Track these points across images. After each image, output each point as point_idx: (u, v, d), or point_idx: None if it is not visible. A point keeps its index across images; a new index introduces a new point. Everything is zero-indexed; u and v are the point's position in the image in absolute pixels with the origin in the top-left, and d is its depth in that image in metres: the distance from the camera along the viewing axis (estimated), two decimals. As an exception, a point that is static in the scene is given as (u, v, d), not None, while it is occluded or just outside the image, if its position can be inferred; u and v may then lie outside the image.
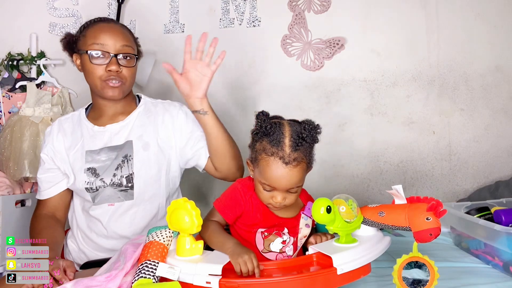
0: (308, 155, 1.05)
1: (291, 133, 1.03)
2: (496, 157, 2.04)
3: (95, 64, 1.31)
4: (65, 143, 1.41)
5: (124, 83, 1.35)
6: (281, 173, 1.01)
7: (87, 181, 1.35)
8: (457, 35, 2.06)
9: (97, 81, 1.33)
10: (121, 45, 1.33)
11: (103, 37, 1.32)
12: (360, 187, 2.06)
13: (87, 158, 1.36)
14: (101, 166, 1.35)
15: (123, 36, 1.36)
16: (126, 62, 1.34)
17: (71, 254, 1.43)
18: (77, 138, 1.40)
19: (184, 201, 0.98)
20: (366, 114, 2.07)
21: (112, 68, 1.31)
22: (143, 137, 1.38)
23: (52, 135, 1.43)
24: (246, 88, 2.08)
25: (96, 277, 0.99)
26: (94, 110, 1.45)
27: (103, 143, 1.38)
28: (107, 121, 1.41)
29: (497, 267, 1.21)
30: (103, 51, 1.31)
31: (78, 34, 1.37)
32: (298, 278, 0.89)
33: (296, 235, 1.10)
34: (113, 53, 1.32)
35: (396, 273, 0.94)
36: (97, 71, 1.32)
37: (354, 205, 0.98)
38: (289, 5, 2.08)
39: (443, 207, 0.93)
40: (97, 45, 1.31)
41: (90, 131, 1.40)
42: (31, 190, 1.94)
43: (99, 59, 1.32)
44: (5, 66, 2.01)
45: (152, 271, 0.93)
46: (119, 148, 1.36)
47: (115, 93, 1.35)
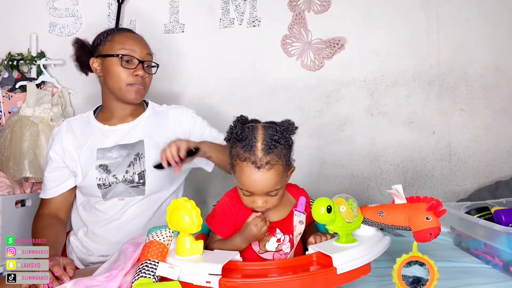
0: (283, 156, 1.04)
1: (264, 137, 1.03)
2: (496, 157, 2.04)
3: (124, 67, 1.39)
4: (74, 142, 1.45)
5: (145, 88, 1.45)
6: (255, 178, 1.01)
7: (99, 177, 1.39)
8: (457, 35, 2.06)
9: (122, 84, 1.40)
10: (146, 53, 1.43)
11: (131, 44, 1.41)
12: (360, 187, 2.06)
13: (98, 155, 1.41)
14: (112, 163, 1.40)
15: (146, 45, 1.47)
16: (149, 69, 1.45)
17: (74, 251, 1.44)
18: (86, 137, 1.45)
19: (184, 201, 0.98)
20: (366, 114, 2.07)
21: (139, 73, 1.39)
22: (154, 137, 1.44)
23: (61, 134, 1.47)
24: (246, 88, 2.08)
25: (96, 276, 0.99)
26: (104, 112, 1.50)
27: (114, 141, 1.43)
28: (117, 122, 1.47)
29: (497, 267, 1.21)
30: (132, 56, 1.39)
31: (101, 40, 1.43)
32: (298, 278, 0.89)
33: (291, 233, 1.10)
34: (140, 59, 1.41)
35: (396, 273, 0.94)
36: (124, 75, 1.39)
37: (354, 205, 0.98)
38: (289, 5, 2.08)
39: (442, 207, 0.94)
40: (126, 50, 1.39)
41: (100, 130, 1.46)
42: (31, 190, 1.94)
43: (128, 63, 1.39)
44: (5, 66, 2.01)
45: (152, 270, 0.93)
46: (131, 146, 1.42)
47: (138, 97, 1.43)
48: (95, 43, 1.46)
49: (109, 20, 2.08)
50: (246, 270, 0.96)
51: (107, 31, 1.47)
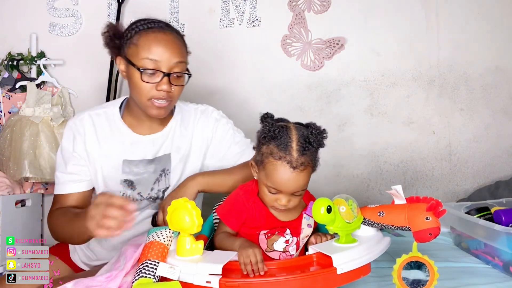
0: (314, 159, 1.06)
1: (298, 137, 1.03)
2: (496, 157, 2.04)
3: (145, 81, 1.17)
4: (98, 145, 1.28)
5: (171, 102, 1.23)
6: (288, 177, 1.01)
7: (123, 192, 1.29)
8: (457, 35, 2.06)
9: (143, 99, 1.20)
10: (175, 62, 1.18)
11: (158, 51, 1.17)
12: (360, 187, 2.06)
13: (124, 168, 1.28)
14: (138, 179, 1.29)
15: (179, 51, 1.21)
16: (178, 80, 1.21)
17: (78, 254, 1.40)
18: (113, 144, 1.28)
19: (184, 201, 0.98)
20: (366, 114, 2.07)
21: (163, 88, 1.17)
22: (181, 150, 1.33)
23: (83, 133, 1.28)
24: (246, 88, 2.08)
25: (96, 277, 0.99)
26: (130, 115, 1.30)
27: (142, 154, 1.29)
28: (146, 130, 1.30)
29: (497, 267, 1.21)
30: (155, 69, 1.16)
31: (128, 38, 1.20)
32: (298, 278, 0.89)
33: (298, 235, 1.10)
34: (166, 71, 1.17)
35: (396, 273, 0.94)
36: (145, 89, 1.18)
37: (354, 206, 0.99)
38: (289, 5, 2.08)
39: (442, 207, 0.94)
40: (150, 61, 1.16)
41: (129, 138, 1.29)
42: (31, 190, 1.94)
43: (151, 77, 1.17)
44: (5, 66, 2.01)
45: (153, 270, 0.93)
46: (158, 161, 1.30)
47: (161, 113, 1.22)
48: (124, 37, 1.22)
49: (109, 20, 2.08)
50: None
51: (135, 27, 1.21)
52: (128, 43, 1.20)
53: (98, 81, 2.04)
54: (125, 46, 1.21)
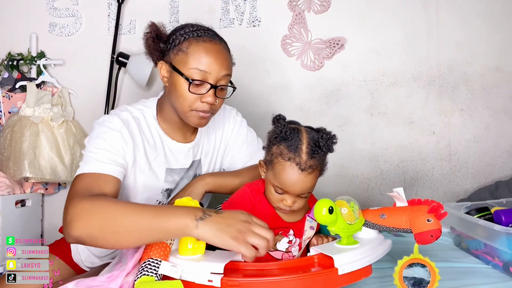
0: (322, 163, 1.08)
1: (309, 141, 1.05)
2: (496, 157, 2.04)
3: (192, 92, 1.13)
4: (147, 155, 1.21)
5: (214, 113, 1.20)
6: (296, 179, 1.03)
7: (159, 201, 1.28)
8: (457, 35, 2.06)
9: (185, 108, 1.15)
10: (223, 75, 1.15)
11: (207, 62, 1.13)
12: (360, 187, 2.06)
13: (167, 177, 1.26)
14: (175, 188, 1.30)
15: (227, 63, 1.17)
16: (222, 93, 1.19)
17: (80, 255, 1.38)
18: (158, 152, 1.24)
19: (188, 200, 0.98)
20: (366, 114, 2.07)
21: (208, 100, 1.14)
22: (209, 154, 1.35)
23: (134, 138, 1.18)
24: (246, 89, 2.08)
25: (97, 277, 0.99)
26: (164, 121, 1.25)
27: (181, 163, 1.28)
28: (181, 138, 1.28)
29: (497, 267, 1.21)
30: (203, 80, 1.13)
31: (176, 44, 1.15)
32: (300, 278, 0.89)
33: (301, 237, 1.11)
34: (213, 83, 1.14)
35: (397, 275, 0.94)
36: (190, 99, 1.14)
37: (356, 207, 0.99)
38: (289, 5, 2.08)
39: (444, 210, 0.94)
40: (200, 72, 1.12)
41: (170, 146, 1.26)
42: (31, 190, 1.94)
43: (198, 87, 1.14)
44: (5, 66, 2.01)
45: (155, 269, 0.93)
46: (192, 167, 1.32)
47: (202, 123, 1.19)
48: (170, 41, 1.17)
49: (109, 20, 2.08)
50: (247, 269, 0.96)
51: (186, 31, 1.16)
52: (175, 49, 1.15)
53: (98, 81, 2.04)
54: (171, 51, 1.16)
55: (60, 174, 1.87)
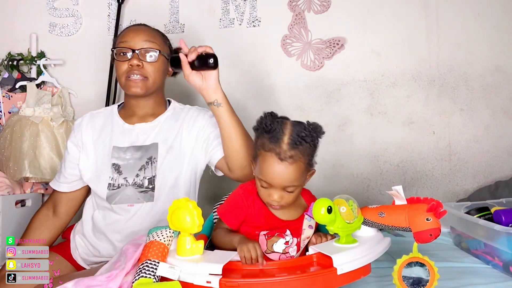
0: (307, 155, 1.05)
1: (292, 132, 1.04)
2: (496, 157, 2.04)
3: (118, 60, 1.37)
4: (93, 136, 1.43)
5: (147, 78, 1.37)
6: (276, 169, 1.02)
7: (111, 176, 1.37)
8: (457, 35, 2.06)
9: (122, 79, 1.38)
10: (143, 41, 1.37)
11: (127, 34, 1.39)
12: (360, 187, 2.06)
13: (113, 153, 1.39)
14: (125, 164, 1.37)
15: (146, 33, 1.40)
16: (148, 58, 1.37)
17: (78, 250, 1.43)
18: (106, 133, 1.43)
19: (185, 201, 0.98)
20: (366, 114, 2.07)
21: (133, 63, 1.34)
22: (168, 141, 1.39)
23: (81, 127, 1.45)
24: (246, 89, 2.08)
25: (97, 276, 0.99)
26: (125, 109, 1.47)
27: (130, 142, 1.40)
28: (137, 121, 1.43)
29: (497, 267, 1.21)
30: (125, 47, 1.36)
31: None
32: (299, 278, 0.89)
33: (299, 236, 1.10)
34: (134, 48, 1.36)
35: (396, 274, 0.94)
36: (121, 68, 1.37)
37: (355, 206, 0.99)
38: (289, 5, 2.08)
39: (443, 208, 0.94)
40: (121, 42, 1.38)
41: (120, 128, 1.43)
42: (31, 190, 1.94)
43: (122, 56, 1.37)
44: (5, 66, 2.01)
45: (153, 270, 0.93)
46: (145, 149, 1.38)
47: (137, 89, 1.37)
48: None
49: (109, 20, 2.08)
50: (246, 270, 0.96)
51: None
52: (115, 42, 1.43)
53: (98, 81, 2.04)
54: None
55: (60, 174, 1.87)
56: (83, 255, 1.42)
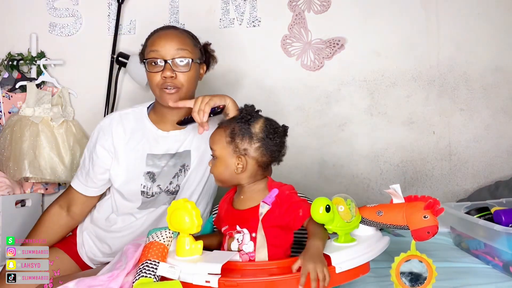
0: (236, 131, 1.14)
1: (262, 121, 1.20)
2: (496, 157, 2.03)
3: (150, 72, 1.30)
4: (124, 139, 1.37)
5: (181, 88, 1.31)
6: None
7: (144, 184, 1.35)
8: (457, 35, 2.05)
9: (155, 89, 1.32)
10: (175, 49, 1.30)
11: (157, 42, 1.31)
12: (360, 187, 2.06)
13: (148, 161, 1.35)
14: (159, 172, 1.36)
15: (178, 40, 1.32)
16: (181, 68, 1.30)
17: (84, 247, 1.43)
18: (137, 138, 1.37)
19: (184, 201, 0.98)
20: (366, 114, 2.07)
21: (167, 75, 1.28)
22: (200, 148, 1.38)
23: (112, 129, 1.37)
24: (246, 89, 2.08)
25: (98, 276, 0.99)
26: (155, 113, 1.40)
27: (165, 149, 1.37)
28: (170, 127, 1.38)
29: (497, 267, 1.21)
30: (156, 58, 1.29)
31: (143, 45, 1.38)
32: (297, 277, 0.89)
33: (255, 231, 1.05)
34: (166, 58, 1.29)
35: (394, 271, 0.94)
36: (154, 79, 1.30)
37: (353, 205, 0.99)
38: (289, 5, 2.08)
39: (440, 206, 0.94)
40: (153, 51, 1.30)
41: (153, 134, 1.38)
42: (31, 190, 1.94)
43: (154, 66, 1.30)
44: (5, 66, 2.01)
45: (153, 270, 0.93)
46: (178, 156, 1.38)
47: (173, 98, 1.30)
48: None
49: (109, 20, 2.08)
50: (245, 270, 0.96)
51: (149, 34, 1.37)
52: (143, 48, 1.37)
53: (98, 81, 2.04)
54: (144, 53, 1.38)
55: (60, 174, 1.86)
56: (90, 254, 1.43)
